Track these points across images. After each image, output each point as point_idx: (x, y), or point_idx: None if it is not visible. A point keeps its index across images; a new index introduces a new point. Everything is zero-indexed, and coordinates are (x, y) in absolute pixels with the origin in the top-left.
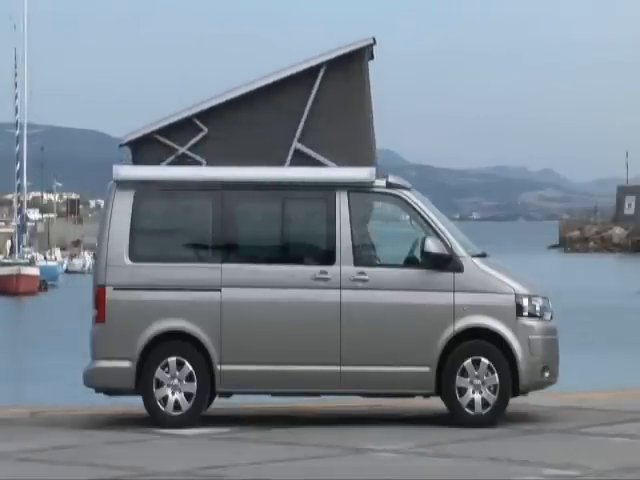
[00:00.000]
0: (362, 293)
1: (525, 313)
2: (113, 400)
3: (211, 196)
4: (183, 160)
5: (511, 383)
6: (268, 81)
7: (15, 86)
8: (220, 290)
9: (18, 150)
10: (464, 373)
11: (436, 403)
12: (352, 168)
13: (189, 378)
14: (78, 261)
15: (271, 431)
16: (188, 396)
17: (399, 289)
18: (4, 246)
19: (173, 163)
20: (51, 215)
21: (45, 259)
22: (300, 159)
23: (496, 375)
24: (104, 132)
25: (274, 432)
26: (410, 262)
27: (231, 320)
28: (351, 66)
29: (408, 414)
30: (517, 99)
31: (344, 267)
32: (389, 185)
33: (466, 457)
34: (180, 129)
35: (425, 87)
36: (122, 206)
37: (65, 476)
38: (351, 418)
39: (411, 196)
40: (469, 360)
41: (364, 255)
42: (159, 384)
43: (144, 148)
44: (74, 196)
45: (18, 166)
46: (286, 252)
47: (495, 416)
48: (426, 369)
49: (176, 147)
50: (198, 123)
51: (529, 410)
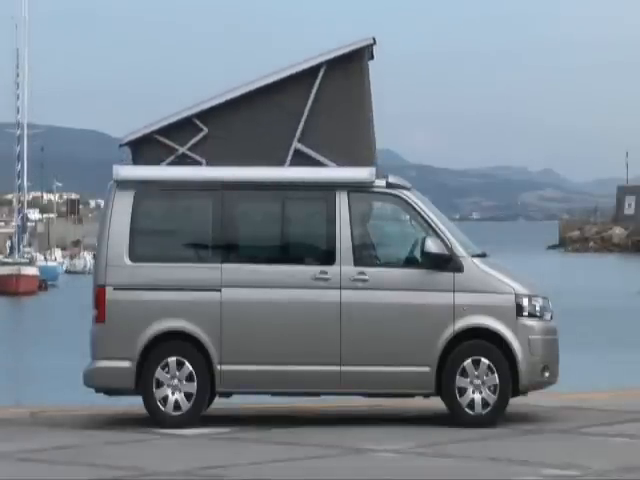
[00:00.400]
0: (362, 293)
1: (525, 313)
2: (113, 400)
3: (211, 196)
4: (183, 160)
5: (511, 383)
6: (268, 81)
7: (17, 86)
8: (220, 290)
9: (19, 150)
10: (464, 373)
11: (436, 403)
12: (352, 168)
13: (189, 378)
14: (79, 261)
15: (271, 431)
16: (188, 396)
17: (399, 289)
18: (4, 246)
19: (173, 163)
20: (51, 215)
21: (45, 259)
22: (300, 159)
23: (496, 375)
24: (104, 132)
25: (274, 432)
26: (410, 262)
27: (231, 320)
28: (351, 66)
29: (408, 414)
30: (517, 99)
31: (344, 267)
32: (389, 185)
33: (466, 457)
34: (180, 129)
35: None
36: (122, 206)
37: (65, 476)
38: (351, 418)
39: (411, 196)
40: (469, 360)
41: (364, 255)
42: (159, 384)
43: (144, 148)
44: (74, 196)
45: (19, 166)
46: (286, 252)
47: (495, 416)
48: (426, 369)
49: (176, 147)
50: (198, 123)
51: (529, 410)
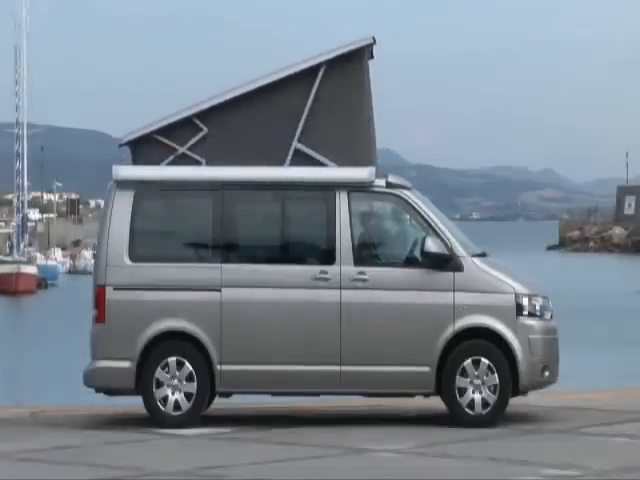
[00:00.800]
0: (362, 293)
1: (525, 313)
2: (113, 400)
3: (211, 196)
4: (183, 160)
5: (511, 383)
6: (268, 81)
7: (15, 84)
8: (220, 290)
9: (18, 148)
10: (464, 373)
11: (436, 403)
12: (352, 168)
13: (189, 378)
14: (82, 261)
15: (271, 431)
16: (188, 396)
17: (399, 289)
18: (4, 246)
19: (173, 163)
20: (51, 215)
21: (47, 259)
22: (300, 159)
23: (496, 375)
24: (104, 132)
25: (274, 432)
26: (410, 262)
27: (231, 320)
28: (351, 65)
29: (408, 414)
30: (517, 99)
31: (344, 267)
32: (389, 185)
33: (466, 457)
34: (180, 129)
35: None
36: (122, 206)
37: (65, 476)
38: (351, 418)
39: (411, 196)
40: (469, 360)
41: (364, 255)
42: (159, 384)
43: (144, 148)
44: (74, 196)
45: (18, 164)
46: (286, 252)
47: (495, 416)
48: (426, 369)
49: (176, 147)
50: (198, 123)
51: (529, 410)
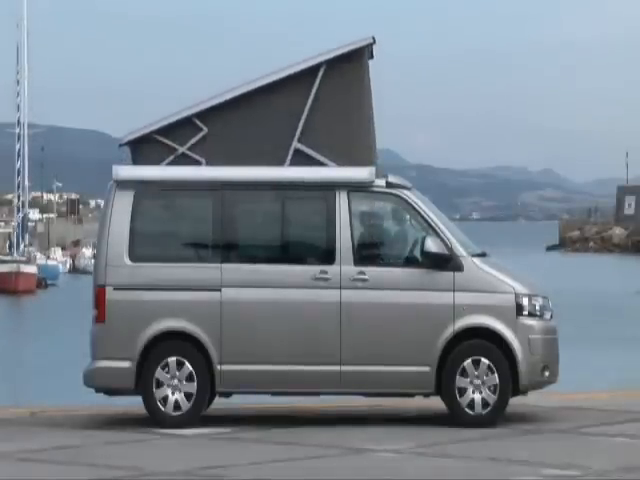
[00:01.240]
0: (362, 293)
1: (525, 312)
2: (113, 400)
3: (211, 196)
4: (183, 160)
5: (511, 383)
6: (268, 81)
7: (17, 84)
8: (220, 290)
9: (19, 148)
10: (464, 373)
11: (436, 403)
12: (352, 168)
13: (189, 378)
14: (84, 261)
15: (271, 431)
16: (188, 396)
17: (399, 289)
18: (4, 246)
19: (173, 163)
20: (51, 215)
21: (48, 258)
22: (300, 159)
23: (496, 375)
24: (104, 132)
25: (274, 432)
26: (410, 262)
27: (231, 320)
28: (351, 65)
29: (408, 414)
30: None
31: (344, 267)
32: (389, 185)
33: (466, 457)
34: (180, 129)
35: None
36: (122, 206)
37: (65, 476)
38: (351, 418)
39: (411, 196)
40: (469, 360)
41: (364, 255)
42: (159, 384)
43: (144, 148)
44: (74, 196)
45: (19, 164)
46: (286, 252)
47: (495, 416)
48: (426, 369)
49: (176, 147)
50: (198, 123)
51: (529, 410)
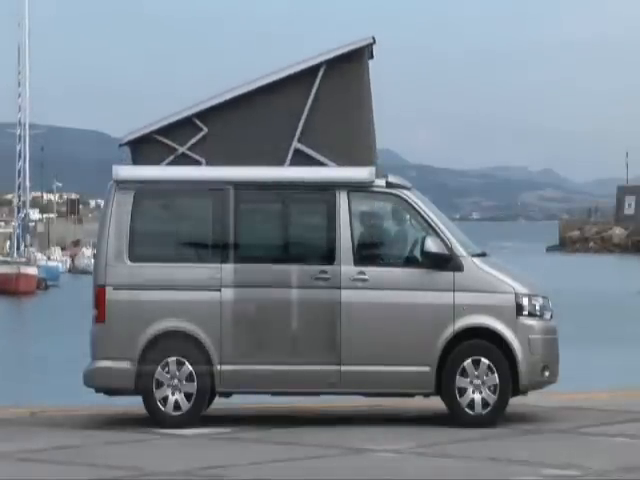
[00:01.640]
0: (362, 293)
1: (525, 312)
2: (113, 400)
3: (211, 196)
4: (183, 160)
5: (511, 383)
6: (268, 80)
7: (18, 85)
8: (220, 290)
9: (20, 148)
10: (464, 373)
11: (436, 403)
12: (352, 168)
13: (189, 378)
14: (82, 261)
15: (271, 431)
16: (188, 396)
17: (399, 289)
18: (4, 246)
19: (173, 163)
20: (51, 215)
21: (49, 259)
22: (300, 159)
23: (496, 375)
24: (104, 132)
25: (274, 432)
26: (410, 262)
27: (231, 320)
28: (351, 65)
29: (408, 414)
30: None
31: (344, 267)
32: (389, 185)
33: (466, 457)
34: (180, 129)
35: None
36: (122, 206)
37: (65, 476)
38: (351, 418)
39: (411, 196)
40: (469, 360)
41: (364, 255)
42: (159, 384)
43: (144, 148)
44: (74, 196)
45: (19, 164)
46: (286, 252)
47: (495, 416)
48: (426, 369)
49: (176, 147)
50: (198, 122)
51: (529, 410)
